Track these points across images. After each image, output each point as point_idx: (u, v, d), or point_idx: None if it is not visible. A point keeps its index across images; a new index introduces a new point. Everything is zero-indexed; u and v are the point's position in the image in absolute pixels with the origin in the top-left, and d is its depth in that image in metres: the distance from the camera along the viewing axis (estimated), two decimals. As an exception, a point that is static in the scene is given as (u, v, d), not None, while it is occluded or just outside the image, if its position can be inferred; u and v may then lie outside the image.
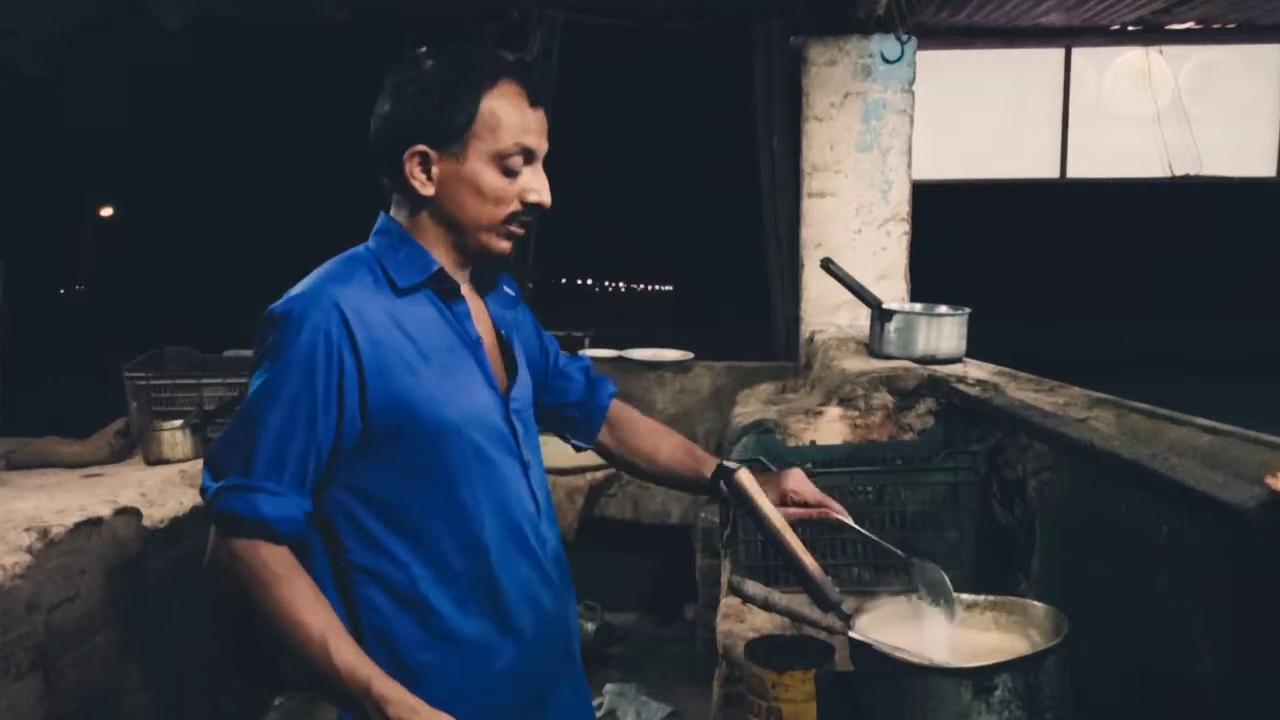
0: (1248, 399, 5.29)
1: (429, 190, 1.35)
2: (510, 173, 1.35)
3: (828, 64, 4.29)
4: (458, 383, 1.36)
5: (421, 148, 1.33)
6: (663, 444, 1.68)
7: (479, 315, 1.45)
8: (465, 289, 1.43)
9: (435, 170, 1.34)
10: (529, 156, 1.37)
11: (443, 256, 1.39)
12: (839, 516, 1.58)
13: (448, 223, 1.37)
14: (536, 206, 1.38)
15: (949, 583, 1.45)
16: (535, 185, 1.37)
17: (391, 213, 1.42)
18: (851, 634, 1.35)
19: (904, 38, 4.23)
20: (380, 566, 1.33)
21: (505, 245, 1.40)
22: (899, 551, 1.56)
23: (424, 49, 1.38)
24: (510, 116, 1.33)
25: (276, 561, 1.24)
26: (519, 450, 1.44)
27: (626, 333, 6.65)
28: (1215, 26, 4.64)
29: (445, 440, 1.33)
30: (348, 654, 1.22)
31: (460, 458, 1.35)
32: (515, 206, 1.37)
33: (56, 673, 2.69)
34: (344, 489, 1.33)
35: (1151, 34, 4.67)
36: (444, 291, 1.38)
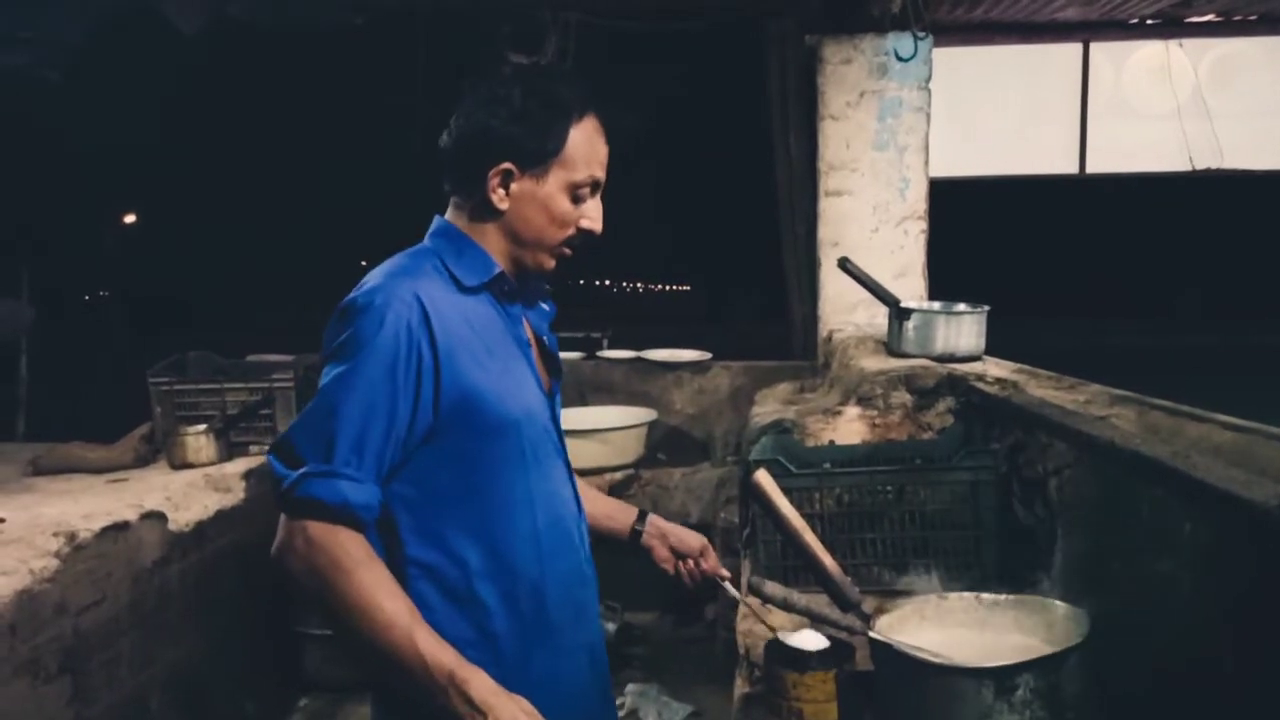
0: (1270, 396, 5.22)
1: (504, 205, 1.41)
2: (578, 200, 1.43)
3: (843, 62, 4.28)
4: (516, 380, 1.41)
5: (507, 165, 1.39)
6: (594, 500, 1.71)
7: (523, 322, 1.50)
8: None
9: (514, 187, 1.41)
10: (595, 187, 1.45)
11: (494, 260, 1.44)
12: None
13: (511, 236, 1.44)
14: (589, 233, 1.46)
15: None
16: (594, 214, 1.46)
17: (449, 216, 1.47)
18: (872, 634, 1.36)
19: (919, 35, 4.21)
20: (435, 561, 1.36)
21: (553, 264, 1.47)
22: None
23: (510, 70, 1.44)
24: (590, 149, 1.42)
25: (357, 547, 1.26)
26: (563, 450, 1.51)
27: (644, 333, 6.65)
28: (1236, 19, 4.60)
29: (505, 435, 1.38)
30: (430, 639, 1.24)
31: (517, 453, 1.39)
32: (573, 231, 1.45)
33: (85, 675, 2.73)
34: (406, 482, 1.35)
35: (1171, 27, 4.64)
36: (502, 294, 1.44)
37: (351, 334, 1.31)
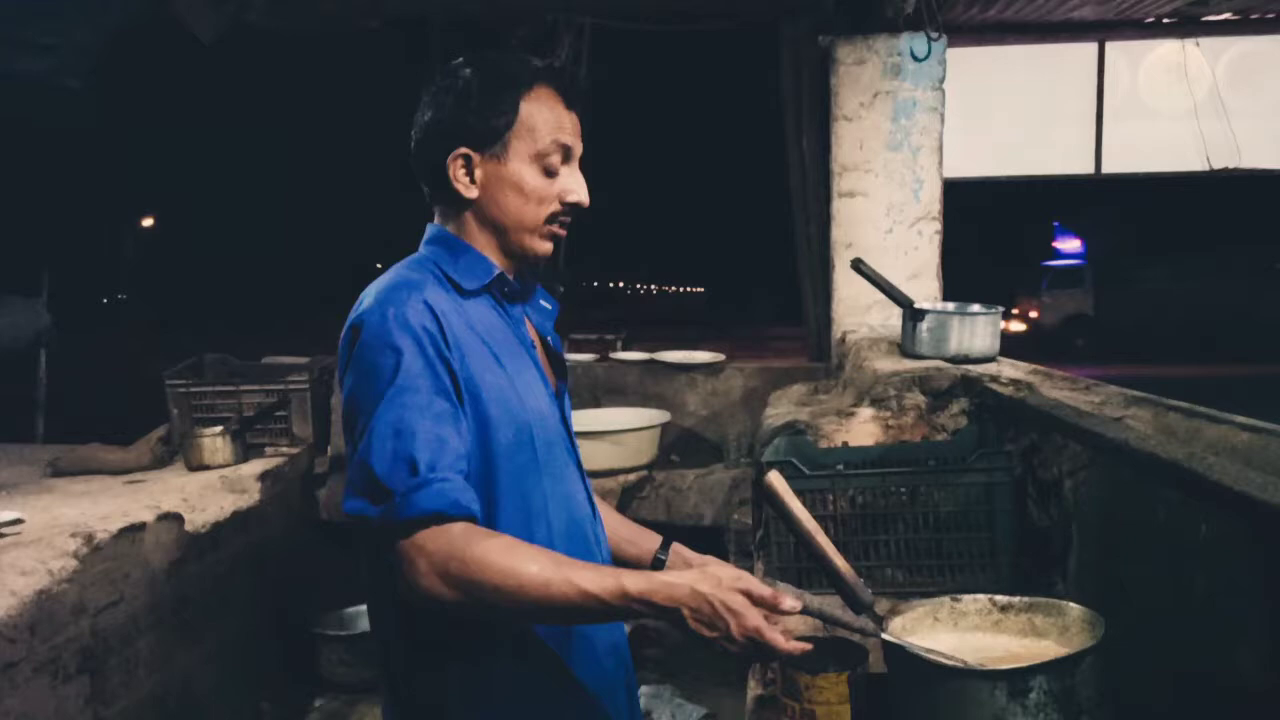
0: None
1: (472, 193, 1.38)
2: (550, 172, 1.39)
3: (856, 63, 4.27)
4: (525, 383, 1.38)
5: (464, 150, 1.36)
6: (613, 524, 1.62)
7: (525, 321, 1.47)
8: None
9: (478, 173, 1.37)
10: (567, 155, 1.40)
11: (491, 260, 1.41)
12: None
13: (492, 225, 1.40)
14: (576, 206, 1.42)
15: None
16: (574, 185, 1.41)
17: (437, 222, 1.44)
18: (884, 636, 1.35)
19: (933, 35, 4.20)
20: None
21: (547, 246, 1.43)
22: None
23: (460, 59, 1.41)
24: (548, 117, 1.37)
25: (472, 536, 1.20)
26: (574, 452, 1.47)
27: (658, 334, 6.66)
28: (1253, 17, 4.56)
29: (519, 439, 1.34)
30: (589, 574, 1.19)
31: (531, 458, 1.35)
32: (556, 206, 1.40)
33: (102, 675, 2.75)
34: None
35: (1187, 26, 4.61)
36: (503, 295, 1.41)
37: (379, 351, 1.26)
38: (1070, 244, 21.59)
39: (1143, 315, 17.30)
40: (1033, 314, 18.94)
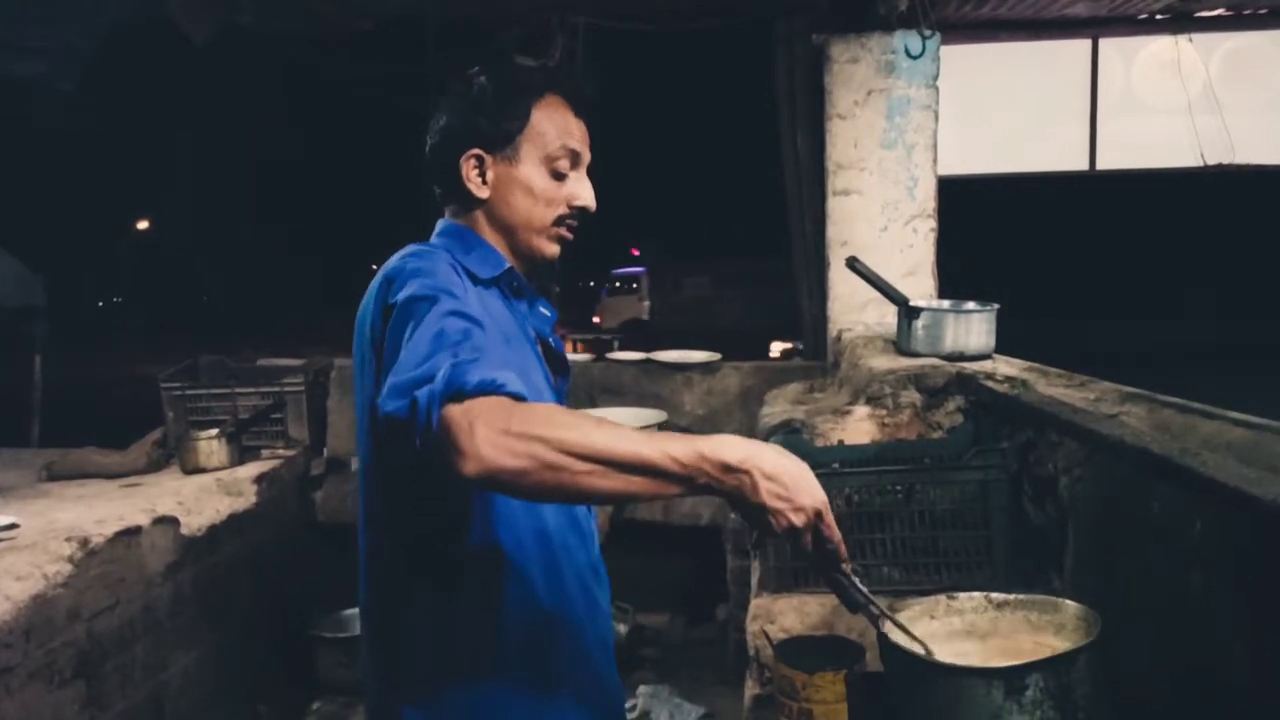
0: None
1: (484, 192, 1.43)
2: (559, 175, 1.44)
3: (850, 61, 4.27)
4: (530, 371, 1.40)
5: (477, 151, 1.42)
6: None
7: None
8: None
9: (490, 173, 1.43)
10: (575, 160, 1.45)
11: (502, 255, 1.45)
12: None
13: (501, 225, 1.45)
14: (583, 210, 1.47)
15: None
16: (581, 190, 1.46)
17: (448, 218, 1.49)
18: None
19: (927, 33, 4.20)
20: (445, 555, 1.34)
21: (554, 249, 1.47)
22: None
23: (475, 68, 1.46)
24: (558, 123, 1.44)
25: (534, 404, 1.12)
26: None
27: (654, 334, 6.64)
28: (1246, 13, 4.57)
29: None
30: (659, 436, 1.13)
31: None
32: (563, 209, 1.45)
33: (99, 679, 2.75)
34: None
35: (1180, 22, 4.61)
36: (510, 289, 1.45)
37: (420, 281, 1.25)
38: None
39: (688, 319, 19.91)
40: (595, 319, 19.87)
